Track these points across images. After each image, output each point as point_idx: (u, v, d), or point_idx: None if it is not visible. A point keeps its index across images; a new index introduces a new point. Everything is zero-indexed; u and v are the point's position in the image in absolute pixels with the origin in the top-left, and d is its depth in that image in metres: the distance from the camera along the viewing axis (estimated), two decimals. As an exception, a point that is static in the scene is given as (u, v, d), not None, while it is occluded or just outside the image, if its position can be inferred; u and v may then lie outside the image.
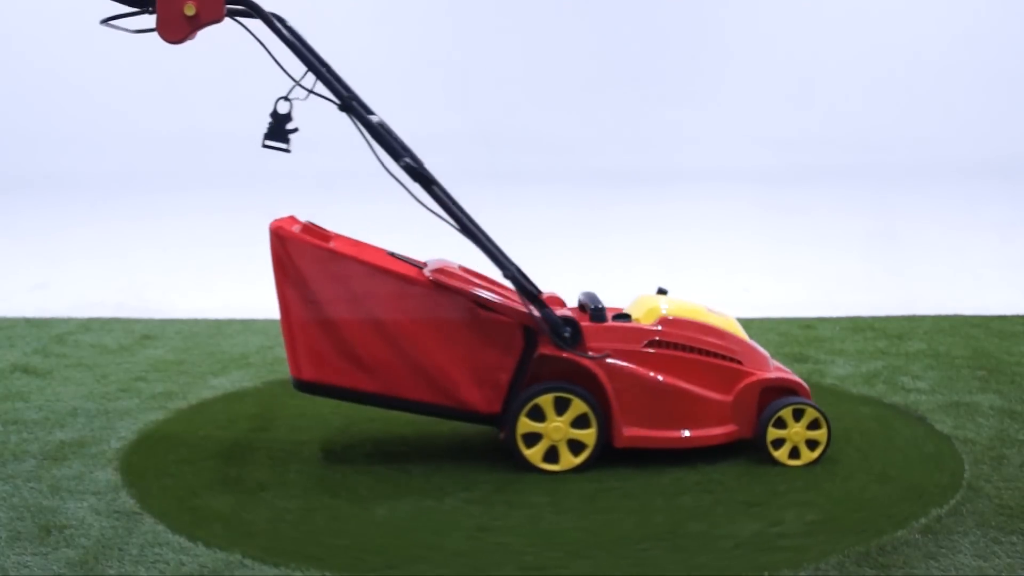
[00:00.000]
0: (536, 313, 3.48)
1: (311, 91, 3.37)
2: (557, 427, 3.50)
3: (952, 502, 3.20)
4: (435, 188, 3.46)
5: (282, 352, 5.15)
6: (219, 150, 13.15)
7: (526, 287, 3.52)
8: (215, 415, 4.21)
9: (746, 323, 5.64)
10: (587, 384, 3.52)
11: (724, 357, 3.67)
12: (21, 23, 14.53)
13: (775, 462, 3.60)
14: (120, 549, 2.91)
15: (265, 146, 3.38)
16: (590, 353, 3.53)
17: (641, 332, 3.61)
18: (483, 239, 3.52)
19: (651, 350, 3.59)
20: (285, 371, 4.84)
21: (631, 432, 3.55)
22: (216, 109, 13.67)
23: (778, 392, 3.67)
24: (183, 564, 2.82)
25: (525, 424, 3.49)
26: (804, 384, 3.72)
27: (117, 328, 5.74)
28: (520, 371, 3.51)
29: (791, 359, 4.92)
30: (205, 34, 3.35)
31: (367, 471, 3.54)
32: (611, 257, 7.66)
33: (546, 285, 3.68)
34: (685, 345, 3.63)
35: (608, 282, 4.04)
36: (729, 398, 3.64)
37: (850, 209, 10.39)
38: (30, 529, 3.05)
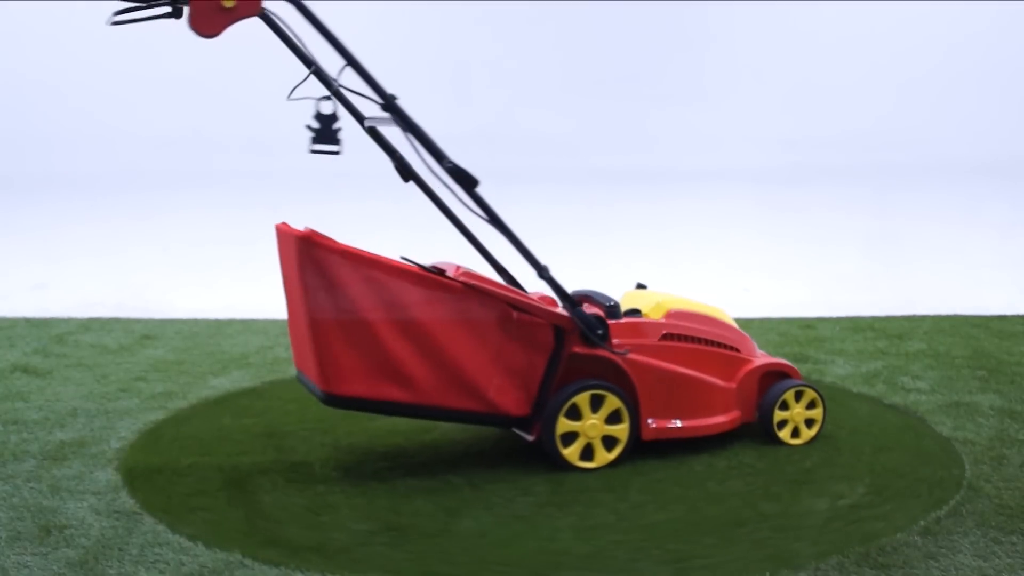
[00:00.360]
0: (572, 313, 3.49)
1: (353, 90, 3.24)
2: (593, 424, 3.53)
3: (952, 502, 3.20)
4: (476, 190, 3.41)
5: (282, 352, 5.18)
6: (218, 150, 13.16)
7: (561, 287, 3.52)
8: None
9: (746, 323, 5.66)
10: (616, 380, 3.58)
11: (725, 346, 3.81)
12: (22, 24, 14.53)
13: (778, 442, 3.78)
14: (120, 549, 2.91)
15: (314, 151, 3.21)
16: (619, 349, 3.58)
17: (655, 326, 3.68)
18: (520, 240, 3.47)
19: (665, 343, 3.68)
20: (284, 371, 4.84)
21: (656, 424, 3.64)
22: (216, 109, 13.67)
23: (774, 376, 3.86)
24: (183, 564, 2.82)
25: (564, 424, 3.49)
26: (794, 366, 3.92)
27: (117, 328, 5.74)
28: (550, 371, 3.51)
29: (791, 359, 4.91)
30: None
31: (406, 485, 3.42)
32: (611, 255, 7.66)
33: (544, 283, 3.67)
34: (694, 336, 3.74)
35: (607, 280, 4.04)
36: (733, 385, 3.78)
37: (850, 209, 10.40)
38: (30, 529, 3.04)
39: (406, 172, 3.62)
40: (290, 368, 4.88)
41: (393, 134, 3.54)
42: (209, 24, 3.08)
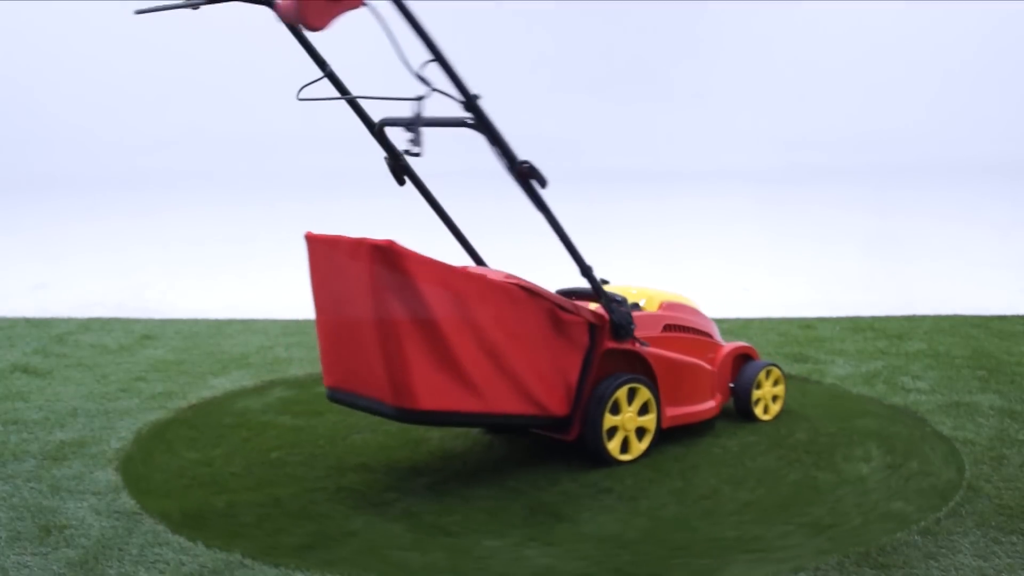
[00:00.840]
0: (610, 310, 3.55)
1: (437, 89, 3.10)
2: (631, 417, 3.59)
3: (952, 503, 3.20)
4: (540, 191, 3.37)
5: (282, 352, 5.17)
6: (218, 150, 13.16)
7: (599, 286, 3.55)
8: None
9: (746, 323, 5.67)
10: (642, 372, 3.66)
11: (704, 333, 3.98)
12: (22, 24, 14.52)
13: (753, 420, 4.03)
14: (120, 549, 2.91)
15: (408, 153, 3.08)
16: (642, 343, 3.67)
17: (657, 318, 3.80)
18: (570, 240, 3.47)
19: (667, 334, 3.80)
20: (284, 371, 4.84)
21: (671, 412, 3.74)
22: (216, 109, 13.67)
23: (742, 359, 4.10)
24: (183, 564, 2.82)
25: (609, 420, 3.53)
26: (752, 347, 4.17)
27: (117, 328, 5.74)
28: (586, 369, 3.53)
29: (791, 359, 4.92)
30: (206, 33, 3.31)
31: (476, 495, 3.34)
32: (611, 254, 7.65)
33: (549, 281, 3.68)
34: (686, 326, 3.89)
35: (608, 278, 4.04)
36: (715, 370, 3.98)
37: (850, 208, 10.40)
38: (30, 529, 3.04)
39: (401, 176, 3.60)
40: (290, 368, 4.88)
41: (397, 136, 3.51)
42: (320, 16, 2.97)
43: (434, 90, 3.06)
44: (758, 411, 4.03)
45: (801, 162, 12.86)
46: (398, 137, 3.51)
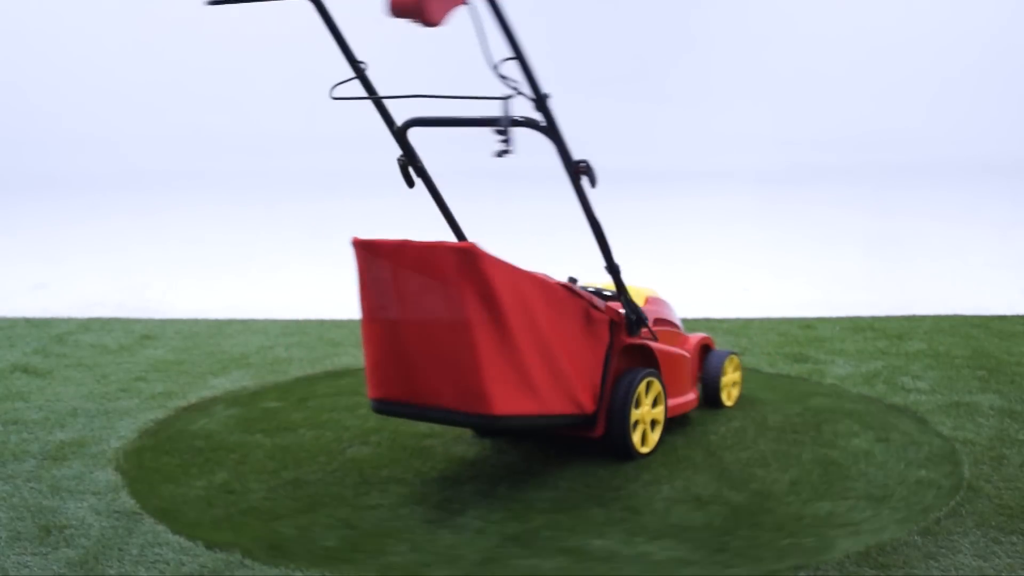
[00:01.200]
0: (630, 306, 3.62)
1: (519, 91, 3.04)
2: (648, 410, 3.66)
3: (952, 503, 3.20)
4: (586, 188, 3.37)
5: (282, 352, 5.17)
6: (218, 150, 13.15)
7: (623, 283, 3.60)
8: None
9: (746, 323, 5.67)
10: (652, 366, 3.72)
11: (676, 326, 4.08)
12: (22, 23, 14.53)
13: (719, 407, 4.18)
14: (120, 549, 2.91)
15: (502, 153, 2.99)
16: (654, 336, 3.76)
17: (649, 313, 3.85)
18: (605, 237, 3.53)
19: (656, 328, 3.85)
20: (284, 372, 4.84)
21: (671, 403, 3.83)
22: (215, 109, 13.67)
23: (705, 349, 4.24)
24: (183, 564, 2.82)
25: (633, 414, 3.58)
26: (709, 336, 4.33)
27: (117, 328, 5.74)
28: (607, 365, 3.57)
29: (791, 359, 4.92)
30: (206, 32, 3.29)
31: (543, 499, 3.31)
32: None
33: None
34: (666, 319, 3.99)
35: (604, 277, 4.06)
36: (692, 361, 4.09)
37: (850, 208, 10.40)
38: (30, 529, 3.05)
39: (412, 178, 3.55)
40: (290, 369, 4.88)
41: (415, 138, 3.50)
42: (439, 10, 2.90)
43: (517, 92, 3.01)
44: (723, 397, 4.19)
45: (801, 162, 12.86)
46: (414, 139, 3.50)
